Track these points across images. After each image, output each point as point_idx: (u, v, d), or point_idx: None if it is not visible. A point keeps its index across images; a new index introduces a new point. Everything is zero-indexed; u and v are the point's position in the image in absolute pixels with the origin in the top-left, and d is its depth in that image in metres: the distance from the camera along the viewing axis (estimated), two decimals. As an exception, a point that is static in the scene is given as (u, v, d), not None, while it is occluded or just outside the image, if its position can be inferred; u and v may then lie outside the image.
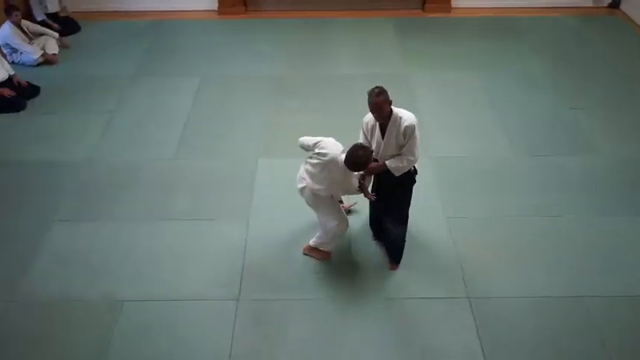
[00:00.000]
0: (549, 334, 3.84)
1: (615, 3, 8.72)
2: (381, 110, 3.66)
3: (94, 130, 5.93)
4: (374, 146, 3.89)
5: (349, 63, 7.28)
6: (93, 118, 6.14)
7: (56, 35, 7.54)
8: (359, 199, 4.37)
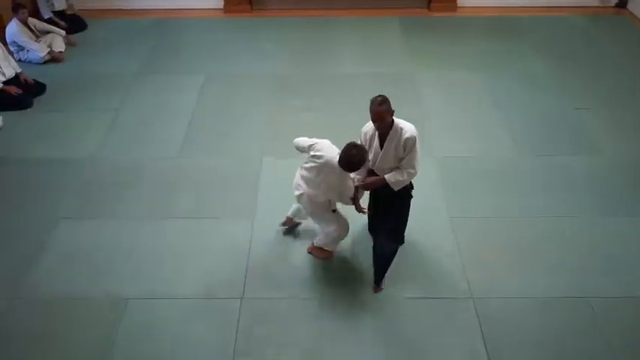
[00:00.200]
0: (553, 334, 3.83)
1: (622, 2, 8.68)
2: (383, 120, 3.55)
3: (98, 128, 5.95)
4: (371, 156, 3.78)
5: (353, 62, 7.28)
6: (98, 115, 6.16)
7: (63, 33, 7.57)
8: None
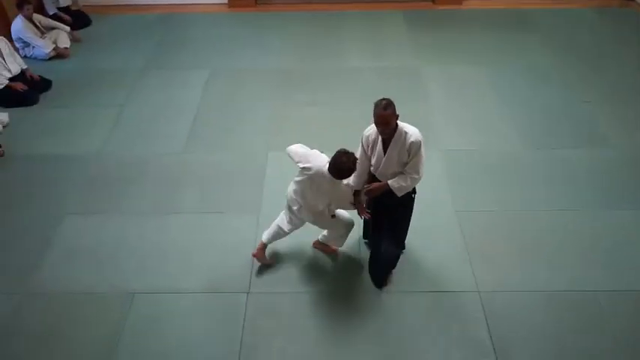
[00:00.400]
0: (559, 327, 3.83)
1: (629, -6, 8.60)
2: (387, 124, 3.41)
3: (103, 124, 5.97)
4: (373, 161, 3.68)
5: (358, 56, 7.25)
6: (103, 111, 6.18)
7: (68, 29, 7.58)
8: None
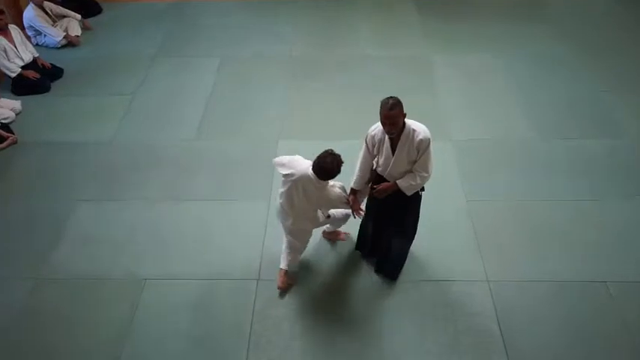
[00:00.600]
0: (568, 317, 3.82)
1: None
2: (394, 124, 3.31)
3: (115, 112, 6.00)
4: (381, 161, 3.58)
5: (370, 43, 7.20)
6: (115, 99, 6.21)
7: (78, 17, 7.59)
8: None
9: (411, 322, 3.83)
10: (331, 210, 3.97)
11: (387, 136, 3.45)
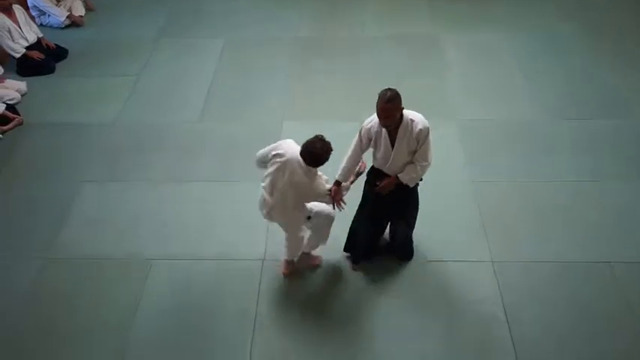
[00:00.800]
0: (572, 297, 3.82)
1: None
2: (390, 118, 3.20)
3: (120, 93, 5.98)
4: (379, 155, 3.48)
5: (376, 24, 7.11)
6: (119, 80, 6.19)
7: (82, -5, 7.54)
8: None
9: (414, 302, 3.84)
10: (313, 208, 3.71)
11: (384, 129, 3.35)
